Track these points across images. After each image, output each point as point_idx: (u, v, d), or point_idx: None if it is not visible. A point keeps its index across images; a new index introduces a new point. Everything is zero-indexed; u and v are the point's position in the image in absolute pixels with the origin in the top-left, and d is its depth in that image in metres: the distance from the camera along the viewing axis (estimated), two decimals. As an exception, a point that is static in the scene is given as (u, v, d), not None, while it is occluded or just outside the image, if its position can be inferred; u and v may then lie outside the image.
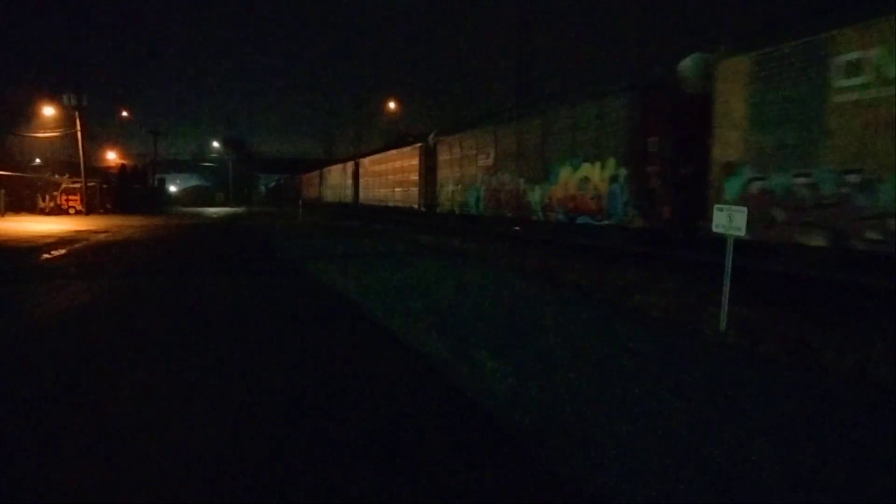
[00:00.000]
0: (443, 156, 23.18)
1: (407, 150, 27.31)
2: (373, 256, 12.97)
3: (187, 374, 4.63)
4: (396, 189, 28.72)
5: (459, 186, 21.51)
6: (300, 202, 39.41)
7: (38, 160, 49.49)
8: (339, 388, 4.32)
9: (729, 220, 6.09)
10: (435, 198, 23.85)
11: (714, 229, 6.25)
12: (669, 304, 7.28)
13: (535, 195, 16.37)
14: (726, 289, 6.04)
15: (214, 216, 37.83)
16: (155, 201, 47.55)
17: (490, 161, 19.01)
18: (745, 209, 6.06)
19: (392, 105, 57.23)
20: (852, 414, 3.94)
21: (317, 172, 51.83)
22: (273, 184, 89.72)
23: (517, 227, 16.53)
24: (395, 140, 33.31)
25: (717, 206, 6.34)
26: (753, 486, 2.92)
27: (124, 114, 58.94)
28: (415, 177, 25.75)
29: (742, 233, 6.03)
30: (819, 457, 3.23)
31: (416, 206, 25.71)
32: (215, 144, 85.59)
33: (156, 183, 56.05)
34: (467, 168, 20.92)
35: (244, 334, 5.99)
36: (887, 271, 7.63)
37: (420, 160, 25.26)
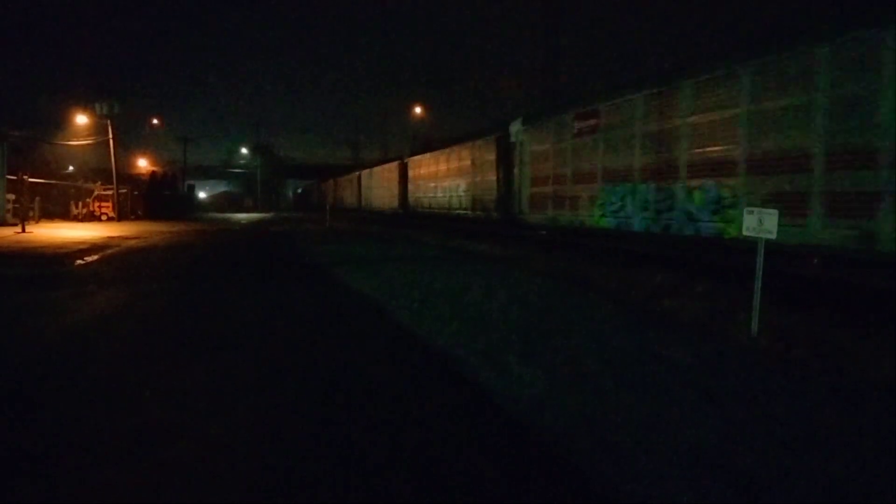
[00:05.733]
0: (412, 171, 32.41)
1: (393, 164, 36.40)
2: (399, 261, 13.01)
3: (219, 373, 4.69)
4: (384, 195, 38.35)
5: (418, 194, 31.44)
6: (327, 207, 39.94)
7: (70, 168, 50.47)
8: (366, 392, 4.34)
9: (759, 223, 5.99)
10: (407, 201, 33.10)
11: (745, 233, 6.16)
12: (700, 308, 7.19)
13: (454, 201, 26.08)
14: (757, 293, 5.94)
15: (243, 222, 38.28)
16: (185, 207, 48.18)
17: (436, 176, 28.41)
18: (776, 212, 5.96)
19: (418, 110, 57.47)
20: (888, 421, 3.86)
21: (333, 181, 54.87)
22: (300, 189, 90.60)
23: (543, 232, 17.34)
24: (422, 146, 38.04)
25: (746, 209, 6.24)
26: (785, 495, 2.87)
27: (155, 122, 60.02)
28: (395, 186, 34.96)
29: (773, 235, 5.92)
30: (853, 465, 3.17)
31: (397, 208, 34.94)
32: (244, 151, 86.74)
33: (186, 189, 56.83)
34: (423, 181, 30.52)
35: (275, 338, 6.05)
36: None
37: (399, 173, 34.18)
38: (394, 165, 35.92)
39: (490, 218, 22.12)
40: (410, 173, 32.70)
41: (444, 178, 27.41)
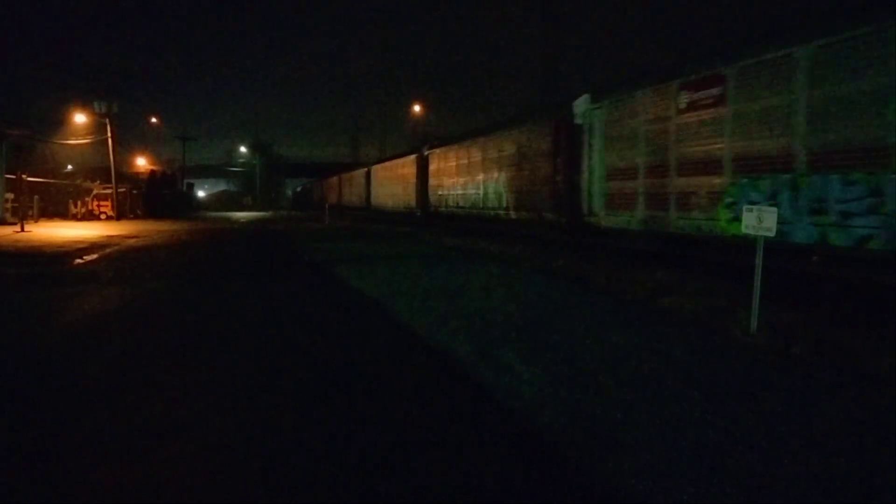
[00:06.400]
0: (433, 165, 28.52)
1: (409, 158, 32.33)
2: (399, 259, 13.02)
3: (219, 372, 4.70)
4: (398, 192, 34.34)
5: (440, 191, 27.32)
6: (326, 206, 39.78)
7: (69, 167, 50.43)
8: (365, 391, 4.34)
9: (759, 221, 5.98)
10: (427, 199, 29.12)
11: (743, 230, 6.15)
12: (699, 305, 7.19)
13: (489, 199, 22.01)
14: (757, 290, 5.94)
15: (242, 220, 38.25)
16: (184, 206, 48.09)
17: (467, 171, 24.32)
18: (775, 209, 5.96)
19: (417, 108, 57.46)
20: (890, 418, 3.86)
21: (336, 178, 53.36)
22: (300, 188, 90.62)
23: (543, 230, 17.18)
24: (422, 143, 36.25)
25: (746, 206, 6.24)
26: (785, 492, 2.87)
27: (154, 120, 60.05)
28: (412, 182, 31.17)
29: (772, 233, 5.92)
30: (853, 463, 3.17)
31: (413, 208, 30.60)
32: (243, 150, 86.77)
33: (185, 188, 56.76)
34: (447, 176, 26.49)
35: (274, 337, 6.05)
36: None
37: (417, 168, 30.20)
38: (410, 159, 31.82)
39: (542, 220, 17.81)
40: (432, 167, 28.53)
41: (476, 172, 23.19)
